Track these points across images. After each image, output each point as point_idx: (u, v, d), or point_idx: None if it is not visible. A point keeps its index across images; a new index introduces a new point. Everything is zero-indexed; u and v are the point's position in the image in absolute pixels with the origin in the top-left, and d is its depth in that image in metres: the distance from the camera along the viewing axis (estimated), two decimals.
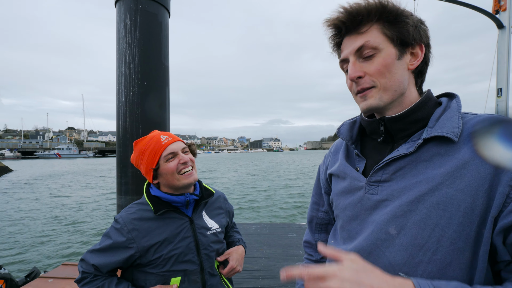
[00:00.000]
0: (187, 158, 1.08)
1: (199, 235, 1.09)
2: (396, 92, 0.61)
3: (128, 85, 2.57)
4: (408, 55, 0.61)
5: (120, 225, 1.01)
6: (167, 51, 2.86)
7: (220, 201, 1.26)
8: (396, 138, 0.65)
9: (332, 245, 0.77)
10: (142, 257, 1.01)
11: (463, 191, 0.52)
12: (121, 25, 2.56)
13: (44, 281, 2.13)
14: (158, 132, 1.11)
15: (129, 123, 2.60)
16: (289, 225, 5.20)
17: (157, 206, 1.05)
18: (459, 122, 0.57)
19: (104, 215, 9.64)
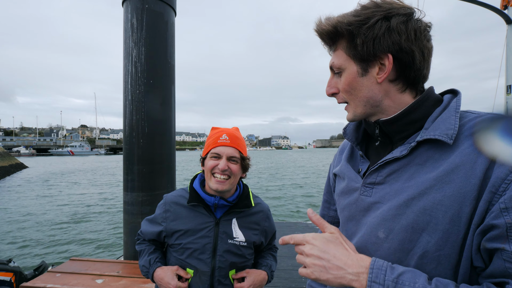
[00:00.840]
0: (225, 167, 1.05)
1: (220, 239, 1.07)
2: (366, 107, 0.62)
3: (135, 83, 2.60)
4: (375, 68, 0.59)
5: (162, 203, 1.14)
6: (173, 49, 2.88)
7: (260, 217, 1.18)
8: (394, 140, 0.64)
9: None
10: (168, 237, 1.10)
11: (451, 197, 0.50)
12: (128, 25, 2.59)
13: (52, 275, 2.18)
14: (231, 130, 1.14)
15: (135, 120, 2.64)
16: (295, 224, 5.18)
17: (191, 197, 1.09)
18: (456, 122, 0.54)
19: (112, 213, 9.84)
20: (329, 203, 0.92)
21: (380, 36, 0.56)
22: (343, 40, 0.61)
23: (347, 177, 0.71)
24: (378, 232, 0.58)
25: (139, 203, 2.77)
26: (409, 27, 0.56)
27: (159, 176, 2.83)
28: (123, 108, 2.73)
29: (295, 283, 3.00)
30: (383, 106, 0.61)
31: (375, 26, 0.56)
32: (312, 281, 0.93)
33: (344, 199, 0.71)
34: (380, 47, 0.56)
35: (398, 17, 0.56)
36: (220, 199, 1.08)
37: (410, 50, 0.56)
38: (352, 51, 0.60)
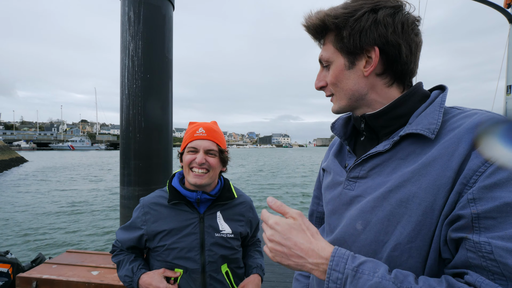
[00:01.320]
0: (203, 160, 1.03)
1: (206, 234, 1.05)
2: (351, 100, 0.63)
3: (132, 78, 2.60)
4: (362, 61, 0.59)
5: (139, 206, 1.10)
6: (170, 44, 2.87)
7: (244, 208, 1.18)
8: (380, 135, 0.64)
9: None
10: (150, 241, 1.05)
11: (426, 189, 0.50)
12: (125, 18, 2.58)
13: (49, 266, 2.21)
14: (208, 124, 1.12)
15: (132, 115, 2.64)
16: None
17: (172, 196, 1.07)
18: (439, 117, 0.54)
19: (109, 207, 9.89)
20: (319, 198, 0.92)
21: (367, 28, 0.56)
22: (331, 34, 0.62)
23: (333, 171, 0.72)
24: (356, 224, 0.59)
25: (135, 197, 2.79)
26: (396, 20, 0.56)
27: (155, 171, 2.83)
28: (120, 102, 2.74)
29: (289, 278, 3.03)
30: (368, 99, 0.62)
31: (361, 18, 0.56)
32: (298, 274, 0.95)
33: (329, 193, 0.72)
34: (366, 40, 0.57)
35: (386, 10, 0.56)
36: (202, 194, 1.06)
37: (396, 43, 0.56)
38: (339, 43, 0.60)
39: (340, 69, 0.61)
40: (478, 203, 0.44)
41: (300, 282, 0.92)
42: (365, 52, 0.58)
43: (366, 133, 0.66)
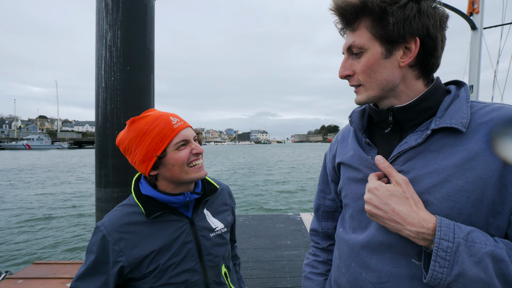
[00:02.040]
0: (201, 148, 0.92)
1: (201, 238, 0.92)
2: (383, 90, 0.62)
3: (109, 69, 2.40)
4: (399, 51, 0.59)
5: (102, 236, 0.83)
6: (152, 35, 2.69)
7: (225, 196, 1.09)
8: (405, 128, 0.65)
9: (341, 233, 0.77)
10: (135, 271, 0.84)
11: (473, 182, 0.52)
12: (101, 4, 2.37)
13: (13, 282, 1.96)
14: (162, 111, 0.91)
15: (110, 110, 2.44)
16: (276, 216, 5.25)
17: (149, 208, 0.87)
18: (468, 112, 0.57)
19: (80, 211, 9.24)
20: (325, 192, 0.91)
21: (411, 18, 0.55)
22: (368, 19, 0.59)
23: (363, 166, 0.70)
24: None
25: (114, 199, 2.60)
26: (436, 12, 0.56)
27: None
28: (95, 96, 2.52)
29: (278, 273, 3.04)
30: (398, 91, 0.62)
31: (406, 6, 0.55)
32: (308, 272, 0.92)
33: (358, 188, 0.70)
34: (409, 29, 0.55)
35: (427, 1, 0.56)
36: (190, 194, 0.92)
37: (435, 36, 0.57)
38: (380, 30, 0.57)
39: (376, 58, 0.59)
40: None
41: (313, 280, 0.89)
42: (403, 42, 0.57)
43: (392, 126, 0.66)
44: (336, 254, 0.78)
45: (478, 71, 4.25)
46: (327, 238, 0.94)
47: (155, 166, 0.87)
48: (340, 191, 0.80)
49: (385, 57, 0.59)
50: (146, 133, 0.84)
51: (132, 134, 0.85)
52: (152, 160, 0.85)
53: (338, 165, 0.80)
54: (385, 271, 0.61)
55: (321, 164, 0.93)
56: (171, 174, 0.87)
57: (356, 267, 0.67)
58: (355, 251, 0.67)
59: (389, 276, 0.60)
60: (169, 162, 0.86)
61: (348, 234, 0.72)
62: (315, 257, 0.94)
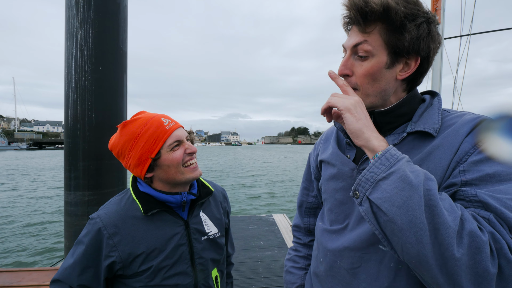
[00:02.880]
0: (195, 147, 0.92)
1: (194, 241, 0.92)
2: (376, 98, 0.65)
3: (80, 69, 2.32)
4: (400, 64, 0.62)
5: (98, 228, 0.82)
6: (125, 35, 2.64)
7: (220, 199, 1.08)
8: (383, 130, 0.70)
9: (320, 226, 0.81)
10: (126, 268, 0.82)
11: (434, 171, 0.57)
12: (72, 2, 2.30)
13: None
14: (152, 113, 0.91)
15: (81, 111, 2.36)
16: (249, 218, 5.27)
17: (147, 204, 0.86)
18: (439, 119, 0.63)
19: (41, 215, 8.62)
20: (308, 189, 0.97)
21: (422, 38, 0.59)
22: (384, 26, 0.59)
23: (338, 163, 0.75)
24: None
25: (84, 203, 2.51)
26: (438, 38, 0.62)
27: (108, 173, 2.59)
28: (64, 97, 2.43)
29: (253, 274, 3.08)
30: (389, 101, 0.67)
31: (421, 26, 0.58)
32: (290, 267, 0.96)
33: (335, 184, 0.76)
34: (416, 48, 0.60)
35: (434, 25, 0.61)
36: (187, 194, 0.92)
37: (431, 60, 0.63)
38: (393, 41, 0.59)
39: (380, 66, 0.61)
40: (466, 173, 0.54)
41: (294, 274, 0.94)
42: (406, 58, 0.61)
43: None
44: (315, 246, 0.83)
45: (440, 78, 4.55)
46: (308, 234, 0.99)
47: (150, 168, 0.87)
48: (320, 187, 0.84)
49: (387, 67, 0.61)
50: (139, 136, 0.84)
51: (125, 138, 0.85)
52: (147, 163, 0.85)
53: (320, 163, 0.86)
54: (357, 257, 0.66)
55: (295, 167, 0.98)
56: (167, 176, 0.88)
57: (331, 255, 0.72)
58: (332, 241, 0.73)
59: (360, 261, 0.65)
60: (164, 163, 0.86)
61: (326, 227, 0.77)
62: (297, 252, 0.98)
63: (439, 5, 4.55)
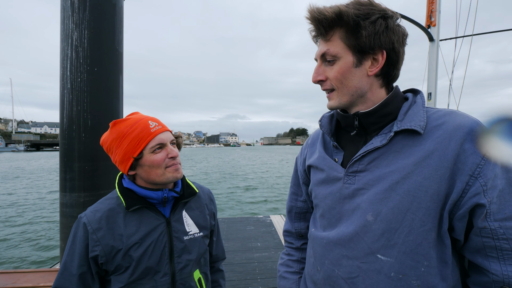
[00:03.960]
0: (177, 152, 0.95)
1: (175, 239, 0.94)
2: (353, 96, 0.67)
3: (75, 70, 2.32)
4: (368, 61, 0.65)
5: (83, 223, 0.88)
6: (121, 36, 2.64)
7: (205, 200, 1.11)
8: (369, 131, 0.71)
9: (313, 232, 0.80)
10: (109, 263, 0.87)
11: (430, 178, 0.58)
12: (67, 3, 2.30)
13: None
14: (143, 115, 0.96)
15: (76, 112, 2.36)
16: (247, 219, 5.28)
17: (130, 200, 0.91)
18: (424, 116, 0.63)
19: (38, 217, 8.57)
20: (297, 194, 0.95)
21: (380, 32, 0.62)
22: (341, 30, 0.64)
23: (327, 167, 0.75)
24: (367, 216, 0.64)
25: (80, 204, 2.50)
26: (400, 30, 0.64)
27: (104, 174, 2.58)
28: (60, 98, 2.42)
29: (249, 275, 3.08)
30: (366, 97, 0.68)
31: (376, 22, 0.62)
32: (284, 272, 0.95)
33: (325, 189, 0.75)
34: (378, 43, 0.62)
35: (392, 19, 0.63)
36: (168, 191, 0.95)
37: (398, 51, 0.65)
38: (353, 41, 0.63)
39: (348, 66, 0.65)
40: (488, 192, 0.55)
41: (288, 279, 0.92)
42: (372, 54, 0.64)
43: (358, 129, 0.72)
44: (310, 253, 0.81)
45: (436, 79, 4.56)
46: (300, 238, 0.97)
47: (133, 167, 0.92)
48: (310, 192, 0.84)
49: (355, 65, 0.65)
50: (125, 135, 0.89)
51: (113, 136, 0.91)
52: (129, 161, 0.90)
53: (308, 168, 0.85)
54: (355, 266, 0.65)
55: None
56: (148, 175, 0.92)
57: (329, 264, 0.70)
58: (328, 249, 0.71)
59: (358, 271, 0.64)
60: (146, 163, 0.90)
61: (320, 233, 0.76)
62: (290, 257, 0.97)
63: (435, 7, 4.57)
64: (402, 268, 0.59)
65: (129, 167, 0.91)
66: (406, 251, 0.59)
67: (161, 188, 0.94)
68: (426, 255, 0.59)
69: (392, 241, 0.61)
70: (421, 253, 0.59)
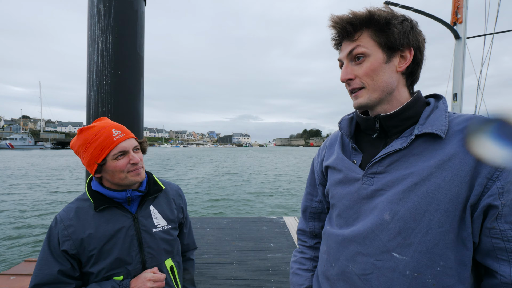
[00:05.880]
0: (138, 159, 1.03)
1: (143, 232, 1.04)
2: (383, 92, 0.69)
3: (101, 73, 2.47)
4: (397, 58, 0.68)
5: (55, 224, 0.98)
6: (142, 41, 2.77)
7: (173, 195, 1.20)
8: (390, 134, 0.72)
9: (328, 230, 0.83)
10: (80, 255, 0.96)
11: (450, 181, 0.59)
12: (94, 10, 2.44)
13: (5, 278, 1.99)
14: (109, 122, 1.04)
15: (101, 113, 2.50)
16: (260, 219, 5.29)
17: (98, 201, 1.00)
18: (446, 120, 0.65)
19: None
20: (312, 195, 0.97)
21: (408, 31, 0.66)
22: (371, 29, 0.67)
23: (345, 168, 0.77)
24: (384, 215, 0.65)
25: None
26: (422, 34, 0.69)
27: None
28: (87, 100, 2.57)
29: (263, 275, 3.11)
30: (392, 95, 0.70)
31: (403, 22, 0.66)
32: (296, 268, 0.97)
33: (342, 189, 0.77)
34: (407, 40, 0.66)
35: (414, 23, 0.68)
36: (132, 191, 1.04)
37: (422, 50, 0.69)
38: (383, 39, 0.67)
39: (379, 62, 0.67)
40: (504, 195, 0.56)
41: (301, 276, 0.94)
42: (400, 51, 0.67)
43: (378, 132, 0.74)
44: (324, 249, 0.82)
45: (462, 80, 4.35)
46: (313, 237, 0.99)
47: (98, 171, 1.00)
48: (327, 192, 0.85)
49: (386, 62, 0.67)
50: (90, 142, 0.98)
51: (80, 142, 1.00)
52: (94, 166, 0.99)
53: (326, 169, 0.86)
54: (369, 263, 0.66)
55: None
56: (112, 178, 1.01)
57: (344, 260, 0.71)
58: (343, 245, 0.72)
59: (372, 268, 0.65)
60: (109, 169, 0.99)
61: (335, 230, 0.78)
62: (303, 254, 0.99)
63: (462, 3, 4.35)
64: (417, 267, 0.60)
65: (95, 170, 0.99)
66: (422, 251, 0.60)
67: (125, 189, 1.03)
68: (442, 255, 0.60)
69: (408, 240, 0.62)
70: (437, 253, 0.60)
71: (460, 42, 4.37)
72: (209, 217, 5.67)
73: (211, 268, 3.26)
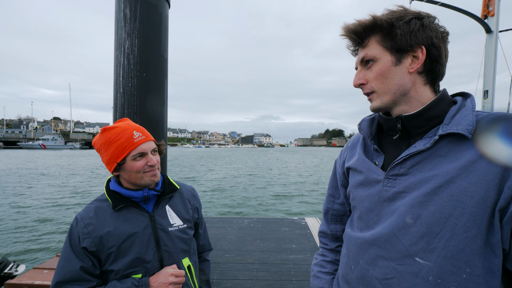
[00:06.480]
0: (155, 161, 1.07)
1: (160, 231, 1.06)
2: (395, 95, 0.67)
3: (127, 76, 2.54)
4: (408, 59, 0.66)
5: (76, 220, 1.02)
6: (166, 43, 2.83)
7: (188, 196, 1.24)
8: (413, 134, 0.69)
9: (348, 232, 0.81)
10: (100, 252, 0.99)
11: (476, 184, 0.56)
12: (121, 15, 2.52)
13: (39, 272, 2.11)
14: (131, 124, 1.08)
15: (127, 114, 2.58)
16: (281, 220, 5.26)
17: (116, 201, 1.04)
18: (473, 120, 0.60)
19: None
20: (334, 197, 0.96)
21: (416, 30, 0.64)
22: (377, 34, 0.68)
23: (367, 170, 0.75)
24: (406, 218, 0.63)
25: None
26: (437, 27, 0.65)
27: None
28: (113, 101, 2.66)
29: (284, 276, 3.08)
30: (409, 96, 0.68)
31: (411, 22, 0.64)
32: (317, 271, 0.96)
33: (363, 191, 0.75)
34: (415, 39, 0.64)
35: (428, 19, 0.65)
36: (148, 190, 1.08)
37: (438, 45, 0.65)
38: (389, 42, 0.66)
39: (387, 66, 0.67)
40: None
41: (321, 279, 0.94)
42: (411, 51, 0.65)
43: (401, 133, 0.71)
44: (344, 252, 0.81)
45: (494, 76, 4.09)
46: (335, 240, 0.98)
47: (117, 169, 1.05)
48: (348, 194, 0.84)
49: (395, 64, 0.66)
50: (111, 142, 1.02)
51: (102, 141, 1.05)
52: (114, 165, 1.03)
53: (347, 170, 0.85)
54: (391, 268, 0.64)
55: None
56: (129, 178, 1.05)
57: (364, 264, 0.70)
58: (364, 249, 0.71)
59: (394, 272, 0.63)
60: (127, 168, 1.03)
61: (356, 233, 0.76)
62: (324, 257, 0.98)
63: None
64: (441, 273, 0.57)
65: (114, 169, 1.04)
66: (446, 256, 0.58)
67: (141, 188, 1.07)
68: (469, 262, 0.56)
69: (432, 245, 0.59)
70: (463, 260, 0.57)
71: (492, 36, 4.10)
72: (230, 217, 5.70)
73: (233, 267, 3.28)
